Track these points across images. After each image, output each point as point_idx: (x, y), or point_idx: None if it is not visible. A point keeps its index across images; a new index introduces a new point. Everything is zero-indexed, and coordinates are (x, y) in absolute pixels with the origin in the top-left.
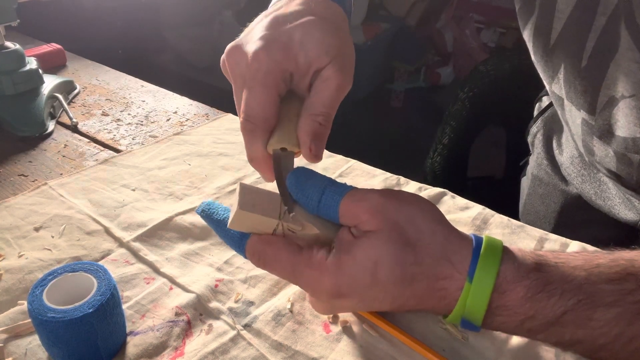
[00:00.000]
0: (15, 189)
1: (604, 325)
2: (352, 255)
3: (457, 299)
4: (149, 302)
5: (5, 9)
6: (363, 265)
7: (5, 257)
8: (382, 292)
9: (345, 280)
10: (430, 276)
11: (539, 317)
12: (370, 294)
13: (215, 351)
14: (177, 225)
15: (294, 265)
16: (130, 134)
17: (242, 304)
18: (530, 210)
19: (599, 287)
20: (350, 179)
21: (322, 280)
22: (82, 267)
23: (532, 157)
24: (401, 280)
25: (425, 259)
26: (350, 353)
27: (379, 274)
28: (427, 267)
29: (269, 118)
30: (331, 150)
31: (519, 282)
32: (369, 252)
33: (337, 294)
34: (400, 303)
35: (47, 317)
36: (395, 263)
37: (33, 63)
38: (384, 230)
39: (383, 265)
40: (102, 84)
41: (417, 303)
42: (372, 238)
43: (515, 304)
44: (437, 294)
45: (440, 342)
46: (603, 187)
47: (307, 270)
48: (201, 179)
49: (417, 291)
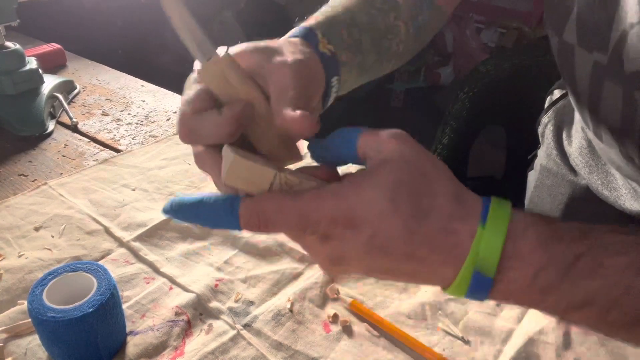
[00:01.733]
0: (15, 188)
1: (615, 273)
2: (371, 176)
3: (469, 247)
4: (149, 301)
5: (5, 9)
6: (382, 186)
7: (5, 257)
8: (398, 226)
9: (362, 204)
10: (444, 215)
11: (551, 266)
12: (385, 225)
13: (215, 351)
14: (177, 225)
15: (301, 209)
16: (130, 133)
17: (242, 303)
18: (537, 203)
19: (607, 236)
20: None
21: (337, 205)
22: (82, 266)
23: (542, 149)
24: (417, 211)
25: (440, 194)
26: (350, 353)
27: (397, 198)
28: (442, 203)
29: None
30: None
31: (530, 226)
32: (389, 176)
33: (351, 220)
34: (412, 249)
35: (47, 316)
36: (413, 191)
37: (33, 63)
38: (404, 156)
39: (401, 190)
40: (102, 84)
41: (428, 253)
42: (392, 162)
43: (527, 250)
44: (449, 239)
45: (440, 342)
46: (610, 177)
47: (316, 203)
48: (201, 179)
49: (430, 231)
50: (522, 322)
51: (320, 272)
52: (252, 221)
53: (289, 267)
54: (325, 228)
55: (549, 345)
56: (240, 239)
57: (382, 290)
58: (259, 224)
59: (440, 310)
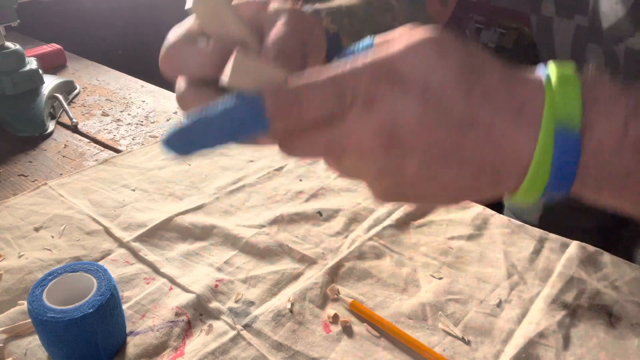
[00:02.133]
0: (15, 189)
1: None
2: (410, 34)
3: (542, 100)
4: (149, 302)
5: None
6: (425, 38)
7: (5, 257)
8: (450, 78)
9: (405, 54)
10: (501, 71)
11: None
12: (437, 76)
13: (215, 351)
14: (177, 225)
15: (335, 73)
16: (130, 134)
17: (242, 304)
18: (524, 209)
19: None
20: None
21: (377, 60)
22: (82, 267)
23: None
24: (469, 67)
25: (490, 59)
26: (350, 353)
27: (443, 50)
28: (495, 64)
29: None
30: None
31: (601, 77)
32: (428, 35)
33: (395, 73)
34: (472, 111)
35: (47, 317)
36: (460, 51)
37: (33, 63)
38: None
39: (446, 45)
40: (102, 84)
41: (492, 115)
42: (427, 34)
43: (609, 96)
44: (515, 93)
45: (441, 342)
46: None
47: (352, 64)
48: (201, 179)
49: (490, 86)
50: (522, 323)
51: (321, 272)
52: (281, 102)
53: (289, 267)
54: (368, 87)
55: (549, 347)
56: (240, 239)
57: (382, 291)
58: (290, 104)
59: (441, 311)
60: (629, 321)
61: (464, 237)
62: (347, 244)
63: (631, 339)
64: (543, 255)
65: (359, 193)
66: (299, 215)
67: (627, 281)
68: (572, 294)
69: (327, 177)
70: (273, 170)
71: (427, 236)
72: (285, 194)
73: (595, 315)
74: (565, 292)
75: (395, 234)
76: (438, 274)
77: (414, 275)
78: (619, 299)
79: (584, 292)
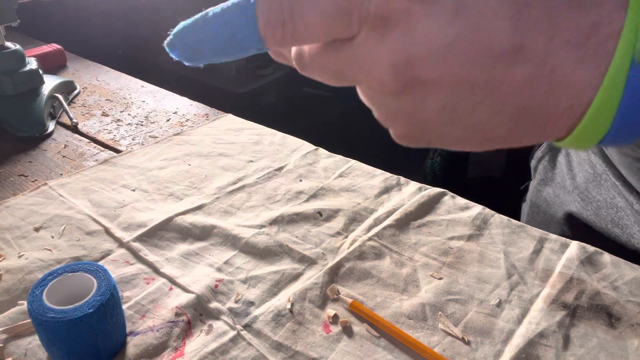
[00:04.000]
0: (15, 189)
1: None
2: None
3: (618, 30)
4: (149, 302)
5: (5, 9)
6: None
7: (5, 257)
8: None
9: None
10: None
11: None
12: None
13: (215, 351)
14: (177, 226)
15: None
16: (130, 134)
17: (242, 304)
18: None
19: None
20: (350, 179)
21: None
22: (82, 267)
23: (532, 183)
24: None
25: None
26: (350, 353)
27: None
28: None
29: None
30: (331, 150)
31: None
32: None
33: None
34: (521, 36)
35: (47, 317)
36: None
37: (33, 63)
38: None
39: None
40: (102, 84)
41: (548, 43)
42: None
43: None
44: (581, 18)
45: (441, 342)
46: (620, 213)
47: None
48: (201, 179)
49: (549, 5)
50: (522, 323)
51: (320, 272)
52: (273, 15)
53: (289, 267)
54: (380, 5)
55: (549, 347)
56: (240, 239)
57: (382, 291)
58: (284, 18)
59: (441, 311)
60: (629, 321)
61: (464, 237)
62: (347, 244)
63: (631, 339)
64: (543, 255)
65: (359, 193)
66: (299, 215)
67: (627, 281)
68: (572, 294)
69: (327, 177)
70: (273, 170)
71: (427, 236)
72: (285, 194)
73: (595, 315)
74: (565, 292)
75: (395, 234)
76: (438, 274)
77: (414, 276)
78: (618, 299)
79: (584, 292)
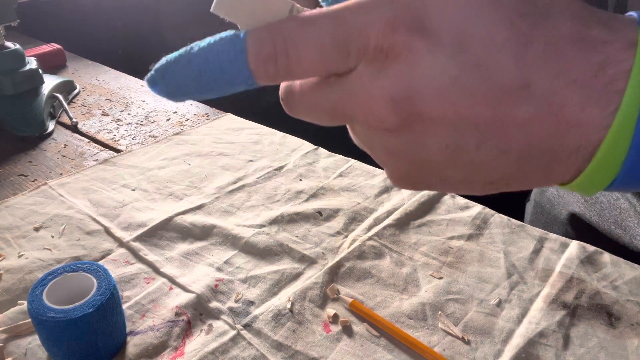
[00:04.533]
0: (15, 189)
1: None
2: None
3: (628, 67)
4: (149, 302)
5: (5, 9)
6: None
7: (5, 257)
8: (499, 26)
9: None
10: (573, 16)
11: None
12: (479, 26)
13: (215, 351)
14: (177, 225)
15: (337, 14)
16: (130, 134)
17: (242, 303)
18: None
19: None
20: (350, 178)
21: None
22: (82, 267)
23: None
24: (528, 7)
25: (560, 5)
26: (350, 353)
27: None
28: (565, 7)
29: None
30: (331, 150)
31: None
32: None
33: (420, 19)
34: (526, 72)
35: (47, 317)
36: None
37: (33, 63)
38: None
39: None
40: (102, 84)
41: (552, 81)
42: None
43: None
44: (589, 54)
45: (440, 342)
46: (624, 215)
47: (360, 3)
48: (201, 179)
49: (555, 40)
50: (522, 322)
51: (320, 272)
52: (265, 49)
53: (289, 267)
54: (380, 38)
55: (549, 347)
56: (240, 238)
57: (382, 290)
58: (276, 52)
59: (441, 311)
60: (629, 321)
61: (464, 237)
62: (347, 243)
63: (631, 339)
64: (543, 255)
65: (359, 193)
66: (299, 215)
67: (627, 281)
68: (572, 294)
69: (327, 177)
70: (273, 170)
71: (427, 236)
72: (285, 193)
73: (595, 315)
74: (565, 292)
75: (395, 234)
76: (438, 274)
77: (414, 275)
78: (618, 298)
79: (584, 292)
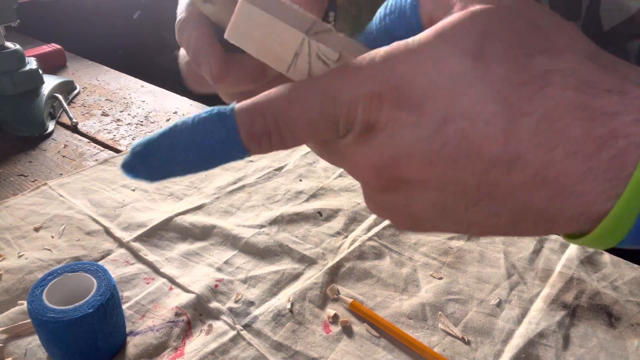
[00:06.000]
0: (15, 189)
1: None
2: (438, 31)
3: (637, 138)
4: (149, 302)
5: (5, 9)
6: (459, 38)
7: (5, 257)
8: (487, 99)
9: (425, 65)
10: (577, 81)
11: None
12: (467, 98)
13: (215, 351)
14: (177, 225)
15: (325, 87)
16: (130, 134)
17: (242, 304)
18: None
19: None
20: (350, 179)
21: (381, 71)
22: (82, 267)
23: None
24: (523, 73)
25: (566, 50)
26: (350, 353)
27: (485, 54)
28: (570, 64)
29: None
30: None
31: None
32: (471, 26)
33: (406, 93)
34: (516, 147)
35: (47, 317)
36: (515, 42)
37: (33, 63)
38: (499, 3)
39: (493, 42)
40: (102, 84)
41: (547, 156)
42: (476, 10)
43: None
44: (593, 126)
45: (440, 342)
46: None
47: (347, 75)
48: (201, 179)
49: (552, 111)
50: (522, 323)
51: (320, 272)
52: (257, 126)
53: (289, 267)
54: (367, 113)
55: (549, 347)
56: (240, 239)
57: (382, 291)
58: (267, 126)
59: (440, 311)
60: (629, 321)
61: (464, 237)
62: (347, 244)
63: (631, 339)
64: (543, 255)
65: (359, 193)
66: (299, 215)
67: (627, 281)
68: (572, 294)
69: (327, 177)
70: (273, 170)
71: (427, 236)
72: (285, 194)
73: (595, 315)
74: (565, 292)
75: (395, 234)
76: (438, 274)
77: (414, 275)
78: (618, 299)
79: (584, 292)
